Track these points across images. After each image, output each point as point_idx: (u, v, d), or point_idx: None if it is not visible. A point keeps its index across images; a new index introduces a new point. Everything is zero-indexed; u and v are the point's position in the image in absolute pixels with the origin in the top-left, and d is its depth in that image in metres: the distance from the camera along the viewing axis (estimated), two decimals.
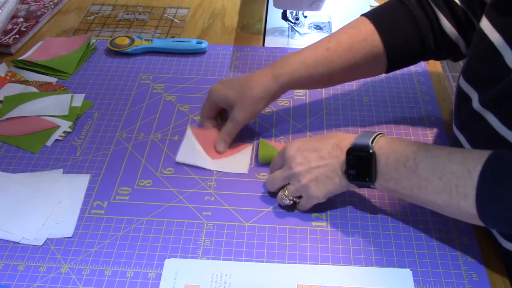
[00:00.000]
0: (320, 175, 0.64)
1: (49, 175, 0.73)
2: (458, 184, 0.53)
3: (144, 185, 0.72)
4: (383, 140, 0.61)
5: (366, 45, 0.71)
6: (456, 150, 0.56)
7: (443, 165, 0.55)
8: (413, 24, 0.71)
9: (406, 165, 0.57)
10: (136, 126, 0.81)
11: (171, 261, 0.62)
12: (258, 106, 0.73)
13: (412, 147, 0.58)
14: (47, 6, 1.08)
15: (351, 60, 0.72)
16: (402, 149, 0.59)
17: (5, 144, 0.78)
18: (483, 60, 0.61)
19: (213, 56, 0.96)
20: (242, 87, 0.73)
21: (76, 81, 0.91)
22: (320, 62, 0.71)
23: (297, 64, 0.71)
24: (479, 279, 0.60)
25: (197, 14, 1.09)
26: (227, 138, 0.75)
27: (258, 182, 0.72)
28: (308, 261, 0.63)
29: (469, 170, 0.52)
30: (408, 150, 0.58)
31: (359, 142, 0.61)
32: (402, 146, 0.59)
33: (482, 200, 0.52)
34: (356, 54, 0.71)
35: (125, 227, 0.66)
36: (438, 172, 0.55)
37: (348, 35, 0.72)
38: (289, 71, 0.71)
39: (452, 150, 0.56)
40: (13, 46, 0.98)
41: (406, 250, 0.63)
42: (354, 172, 0.61)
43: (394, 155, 0.59)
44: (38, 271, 0.61)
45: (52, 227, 0.66)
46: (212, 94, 0.76)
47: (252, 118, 0.75)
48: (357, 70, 0.74)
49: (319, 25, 1.05)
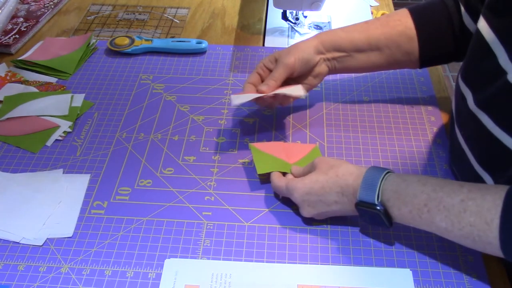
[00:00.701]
0: (330, 214, 0.65)
1: (49, 175, 0.73)
2: (480, 235, 0.53)
3: (144, 185, 0.72)
4: (389, 190, 0.59)
5: (401, 24, 0.76)
6: (468, 197, 0.54)
7: (459, 217, 0.54)
8: (446, 16, 0.75)
9: (421, 217, 0.57)
10: (136, 126, 0.81)
11: (171, 261, 0.62)
12: (305, 53, 0.75)
13: (422, 196, 0.57)
14: (47, 6, 1.08)
15: (386, 33, 0.76)
16: (411, 199, 0.57)
17: (5, 144, 0.78)
18: (478, 60, 0.62)
19: (213, 56, 0.96)
20: (288, 48, 0.77)
21: (76, 81, 0.91)
22: (358, 30, 0.77)
23: (337, 30, 0.78)
24: (479, 279, 0.60)
25: (197, 14, 1.09)
26: (271, 82, 0.74)
27: (258, 182, 0.72)
28: (308, 261, 0.63)
29: (487, 222, 0.52)
30: (419, 201, 0.57)
31: (365, 198, 0.59)
32: (410, 195, 0.57)
33: (506, 247, 0.52)
34: (392, 29, 0.76)
35: (125, 227, 0.66)
36: (456, 224, 0.55)
37: (385, 16, 0.79)
38: (329, 33, 0.78)
39: (464, 198, 0.54)
40: (13, 46, 0.98)
41: (406, 250, 0.63)
42: (367, 220, 0.62)
43: (406, 207, 0.58)
44: (38, 271, 0.61)
45: (52, 227, 0.66)
46: (261, 60, 0.78)
47: (299, 67, 0.75)
48: (394, 46, 0.77)
49: (319, 25, 1.05)
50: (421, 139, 0.79)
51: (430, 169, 0.74)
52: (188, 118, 0.83)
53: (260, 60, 0.79)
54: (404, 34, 0.76)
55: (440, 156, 0.76)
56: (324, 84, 0.90)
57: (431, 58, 0.78)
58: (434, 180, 0.58)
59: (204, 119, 0.83)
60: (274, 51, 0.78)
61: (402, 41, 0.76)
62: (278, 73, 0.74)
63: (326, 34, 0.78)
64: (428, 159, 0.75)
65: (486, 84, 0.59)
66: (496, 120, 0.57)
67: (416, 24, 0.76)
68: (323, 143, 0.78)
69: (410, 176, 0.59)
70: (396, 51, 0.77)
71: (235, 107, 0.83)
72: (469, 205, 0.54)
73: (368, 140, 0.79)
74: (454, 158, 0.71)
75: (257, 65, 0.79)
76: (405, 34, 0.76)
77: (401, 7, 0.80)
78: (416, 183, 0.58)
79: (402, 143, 0.78)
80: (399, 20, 0.76)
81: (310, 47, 0.76)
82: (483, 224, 0.52)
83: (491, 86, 0.58)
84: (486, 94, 0.59)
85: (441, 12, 0.75)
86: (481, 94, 0.60)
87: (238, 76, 0.92)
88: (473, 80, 0.63)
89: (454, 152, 0.70)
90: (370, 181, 0.59)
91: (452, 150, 0.71)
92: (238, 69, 0.93)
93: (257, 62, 0.94)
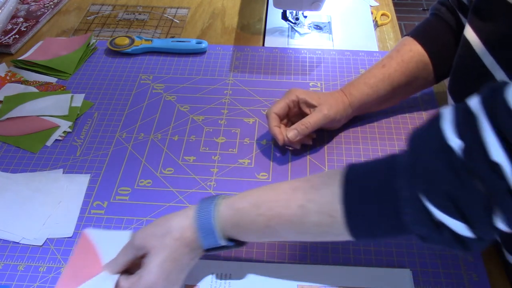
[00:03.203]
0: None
1: (49, 175, 0.73)
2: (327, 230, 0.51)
3: (144, 185, 0.72)
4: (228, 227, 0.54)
5: (414, 54, 0.76)
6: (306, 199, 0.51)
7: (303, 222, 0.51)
8: (446, 27, 0.76)
9: (270, 235, 0.54)
10: (136, 126, 0.81)
11: None
12: (337, 114, 0.74)
13: (260, 219, 0.53)
14: (47, 6, 1.08)
15: (406, 71, 0.76)
16: (252, 226, 0.54)
17: (5, 144, 0.78)
18: (465, 67, 0.62)
19: (213, 56, 0.96)
20: (323, 93, 0.76)
21: (76, 81, 0.91)
22: (381, 79, 0.76)
23: (362, 86, 0.76)
24: (479, 279, 0.60)
25: (197, 14, 1.09)
26: (303, 129, 0.72)
27: (258, 182, 0.72)
28: (308, 261, 0.63)
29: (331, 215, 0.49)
30: (259, 225, 0.53)
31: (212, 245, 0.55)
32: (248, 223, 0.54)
33: (355, 232, 0.49)
34: (408, 63, 0.76)
35: (125, 227, 0.66)
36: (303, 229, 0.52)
37: (396, 51, 0.78)
38: (357, 93, 0.76)
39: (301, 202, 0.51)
40: (13, 46, 0.98)
41: (406, 250, 0.63)
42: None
43: (252, 234, 0.55)
44: (38, 271, 0.61)
45: (52, 227, 0.66)
46: (295, 91, 0.75)
47: (330, 123, 0.75)
48: (414, 80, 0.78)
49: (319, 25, 1.05)
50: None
51: None
52: (188, 118, 0.83)
53: (292, 89, 0.75)
54: (420, 62, 0.76)
55: None
56: (324, 84, 0.90)
57: (445, 73, 0.78)
58: (269, 193, 0.54)
59: (204, 119, 0.83)
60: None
61: (420, 71, 0.77)
62: (314, 122, 0.73)
63: (355, 95, 0.76)
64: None
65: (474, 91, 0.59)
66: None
67: (426, 48, 0.76)
68: (323, 143, 0.78)
69: (243, 200, 0.55)
70: (416, 82, 0.78)
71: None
72: (309, 208, 0.51)
73: (368, 140, 0.79)
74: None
75: (288, 95, 0.75)
76: (420, 62, 0.76)
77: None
78: (249, 208, 0.54)
79: (402, 143, 0.78)
80: (410, 51, 0.77)
81: (340, 104, 0.75)
82: (327, 218, 0.50)
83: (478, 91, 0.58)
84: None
85: (443, 29, 0.76)
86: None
87: (238, 76, 0.92)
88: (462, 92, 0.64)
89: None
90: (205, 226, 0.54)
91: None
92: (238, 69, 0.93)
93: (257, 62, 0.94)
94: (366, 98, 0.76)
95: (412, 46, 0.77)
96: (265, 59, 0.95)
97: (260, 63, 0.95)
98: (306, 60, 0.95)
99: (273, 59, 0.95)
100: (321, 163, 0.75)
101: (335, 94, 0.76)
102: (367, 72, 0.78)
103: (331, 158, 0.76)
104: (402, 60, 0.76)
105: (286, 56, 0.96)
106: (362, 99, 0.76)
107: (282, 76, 0.91)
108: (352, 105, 0.76)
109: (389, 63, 0.77)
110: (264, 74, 0.92)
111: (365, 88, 0.76)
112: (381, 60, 0.79)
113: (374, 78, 0.76)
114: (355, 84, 0.77)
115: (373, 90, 0.76)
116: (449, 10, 0.76)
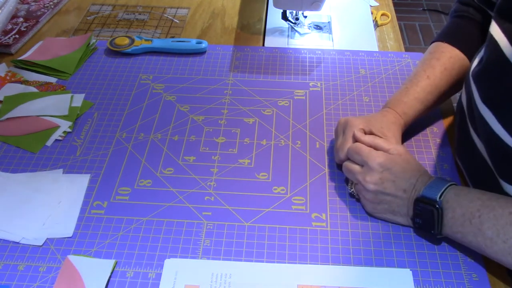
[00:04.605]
0: (384, 202, 0.65)
1: (49, 175, 0.73)
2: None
3: (144, 185, 0.72)
4: (451, 193, 0.60)
5: (455, 60, 0.76)
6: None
7: (506, 228, 0.55)
8: (477, 28, 0.77)
9: (471, 221, 0.58)
10: (136, 126, 0.81)
11: (171, 261, 0.62)
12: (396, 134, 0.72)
13: (477, 202, 0.58)
14: (47, 6, 1.08)
15: (449, 79, 0.76)
16: (467, 203, 0.59)
17: (5, 144, 0.78)
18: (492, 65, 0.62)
19: (213, 56, 0.96)
20: (379, 118, 0.74)
21: (76, 81, 0.91)
22: (430, 92, 0.75)
23: (414, 101, 0.75)
24: (479, 279, 0.60)
25: (197, 14, 1.09)
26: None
27: (258, 182, 0.72)
28: (308, 261, 0.63)
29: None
30: (474, 205, 0.58)
31: (428, 194, 0.61)
32: (467, 199, 0.59)
33: None
34: (451, 71, 0.76)
35: (125, 227, 0.66)
36: (501, 234, 0.55)
37: (435, 59, 0.77)
38: (409, 110, 0.74)
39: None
40: (13, 46, 0.98)
41: (406, 250, 0.63)
42: (420, 221, 0.62)
43: (460, 209, 0.59)
44: (38, 271, 0.61)
45: (52, 227, 0.66)
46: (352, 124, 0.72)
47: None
48: (457, 84, 0.77)
49: (319, 25, 1.05)
50: (421, 139, 0.79)
51: (430, 169, 0.74)
52: (188, 118, 0.83)
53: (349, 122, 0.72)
54: (462, 67, 0.76)
55: (441, 156, 0.76)
56: (324, 84, 0.90)
57: None
58: (494, 193, 0.59)
59: (204, 119, 0.83)
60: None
61: (461, 74, 0.76)
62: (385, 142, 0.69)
63: (409, 115, 0.74)
64: (427, 159, 0.76)
65: (494, 81, 0.59)
66: (500, 119, 0.58)
67: (465, 52, 0.76)
68: (323, 143, 0.78)
69: (475, 189, 0.61)
70: (459, 86, 0.78)
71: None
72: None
73: None
74: (462, 152, 0.71)
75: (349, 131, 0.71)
76: (462, 67, 0.76)
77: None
78: (476, 191, 0.60)
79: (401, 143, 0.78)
80: (451, 57, 0.76)
81: (400, 130, 0.73)
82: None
83: (499, 84, 0.58)
84: (493, 93, 0.59)
85: (476, 30, 0.77)
86: (488, 92, 0.60)
87: (238, 76, 0.92)
88: (482, 79, 0.63)
89: (463, 146, 0.70)
90: (438, 182, 0.61)
91: (461, 144, 0.71)
92: (238, 69, 0.93)
93: (257, 62, 0.94)
94: (418, 115, 0.75)
95: (451, 52, 0.76)
96: (265, 59, 0.95)
97: (260, 63, 0.95)
98: (306, 60, 0.95)
99: (273, 59, 0.95)
100: (321, 163, 0.75)
101: (389, 117, 0.73)
102: (414, 85, 0.75)
103: (331, 158, 0.76)
104: (445, 69, 0.76)
105: (286, 56, 0.96)
106: (415, 117, 0.75)
107: (282, 76, 0.92)
108: (405, 124, 0.75)
109: (433, 74, 0.75)
110: (264, 74, 0.92)
111: (418, 104, 0.75)
112: (423, 71, 0.76)
113: (424, 92, 0.75)
114: (407, 102, 0.74)
115: (424, 104, 0.75)
116: (477, 10, 0.76)
